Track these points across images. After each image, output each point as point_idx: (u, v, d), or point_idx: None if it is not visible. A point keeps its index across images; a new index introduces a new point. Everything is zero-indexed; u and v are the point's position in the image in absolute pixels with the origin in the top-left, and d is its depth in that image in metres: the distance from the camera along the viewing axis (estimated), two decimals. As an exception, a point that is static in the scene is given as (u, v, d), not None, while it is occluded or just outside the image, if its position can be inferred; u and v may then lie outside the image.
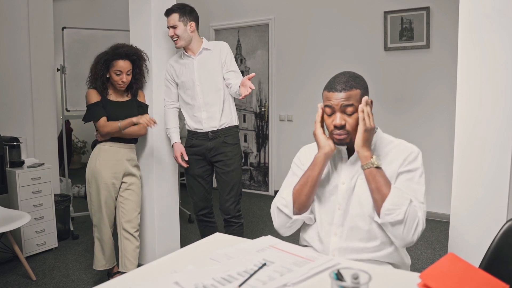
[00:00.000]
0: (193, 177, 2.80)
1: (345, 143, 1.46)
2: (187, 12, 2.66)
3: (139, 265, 2.81)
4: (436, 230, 3.83)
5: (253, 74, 2.49)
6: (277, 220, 1.56)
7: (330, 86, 1.45)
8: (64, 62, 3.86)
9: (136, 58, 2.70)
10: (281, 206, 1.52)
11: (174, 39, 2.67)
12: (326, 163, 1.47)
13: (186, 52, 2.73)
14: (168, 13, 2.67)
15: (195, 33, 2.71)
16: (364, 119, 1.40)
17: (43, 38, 3.99)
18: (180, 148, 2.79)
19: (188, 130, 2.81)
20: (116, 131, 2.61)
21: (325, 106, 1.46)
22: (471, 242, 1.76)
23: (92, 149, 2.78)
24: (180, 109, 2.85)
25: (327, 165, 1.51)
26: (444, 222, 3.96)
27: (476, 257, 1.57)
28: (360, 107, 1.40)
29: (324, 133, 1.49)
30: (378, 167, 1.39)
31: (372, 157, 1.39)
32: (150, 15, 2.87)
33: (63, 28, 3.86)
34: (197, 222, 2.93)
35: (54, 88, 4.13)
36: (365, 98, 1.41)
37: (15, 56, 3.80)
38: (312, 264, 1.19)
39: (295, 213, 1.50)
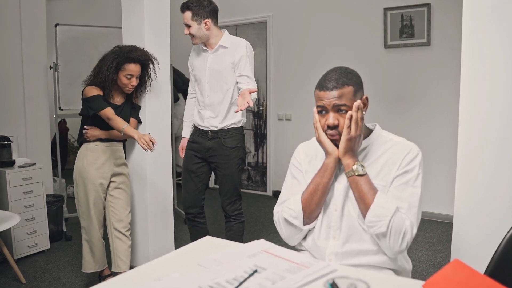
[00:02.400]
0: (187, 171, 2.74)
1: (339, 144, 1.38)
2: (202, 9, 2.52)
3: (131, 266, 2.73)
4: (437, 231, 3.75)
5: (255, 89, 2.36)
6: (285, 232, 1.49)
7: (321, 85, 1.37)
8: (57, 59, 3.78)
9: (147, 64, 2.62)
10: (290, 218, 1.44)
11: (190, 37, 2.59)
12: (335, 168, 1.40)
13: (205, 46, 2.63)
14: (181, 10, 2.57)
15: (212, 29, 2.58)
16: (349, 126, 1.32)
17: (36, 35, 3.91)
18: (183, 143, 2.81)
19: (194, 125, 2.76)
20: (114, 129, 2.51)
21: (318, 106, 1.39)
22: (475, 245, 1.68)
23: (78, 143, 2.70)
24: None
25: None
26: (445, 223, 3.88)
27: (481, 260, 1.50)
28: (349, 113, 1.32)
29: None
30: (361, 175, 1.33)
31: (354, 165, 1.34)
32: (143, 12, 2.79)
33: (56, 25, 3.78)
34: (186, 220, 2.87)
35: (46, 87, 4.05)
36: (356, 104, 1.32)
37: (6, 53, 3.72)
38: (307, 271, 1.11)
39: (306, 223, 1.43)
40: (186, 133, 2.82)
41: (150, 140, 2.32)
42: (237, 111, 2.29)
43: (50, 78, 4.09)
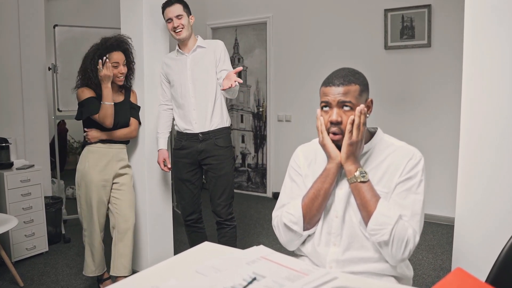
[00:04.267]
0: (181, 181, 2.69)
1: (341, 145, 1.36)
2: (188, 6, 2.63)
3: (133, 271, 2.70)
4: (438, 233, 3.73)
5: (240, 68, 2.41)
6: (284, 237, 1.46)
7: (327, 81, 1.36)
8: (56, 60, 3.76)
9: (127, 47, 2.65)
10: (290, 223, 1.41)
11: (178, 30, 2.55)
12: (337, 174, 1.37)
13: (180, 49, 2.65)
14: (170, 3, 2.56)
15: (192, 28, 2.65)
16: (351, 131, 1.31)
17: (34, 36, 3.89)
18: (164, 155, 2.72)
19: (178, 132, 2.70)
20: (114, 129, 2.56)
21: (322, 102, 1.37)
22: (477, 247, 1.66)
23: (82, 150, 2.67)
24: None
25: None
26: (445, 225, 3.86)
27: (482, 262, 1.49)
28: (351, 118, 1.31)
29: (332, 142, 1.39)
30: (363, 182, 1.31)
31: (356, 171, 1.31)
32: (142, 13, 2.78)
33: (54, 26, 3.76)
34: (184, 227, 2.82)
35: (45, 88, 4.03)
36: (359, 108, 1.30)
37: (5, 54, 3.70)
38: (306, 279, 1.09)
39: (306, 229, 1.41)
40: (163, 144, 2.74)
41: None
42: (223, 89, 2.35)
43: (49, 79, 4.07)
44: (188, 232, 2.80)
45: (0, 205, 3.12)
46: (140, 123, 2.78)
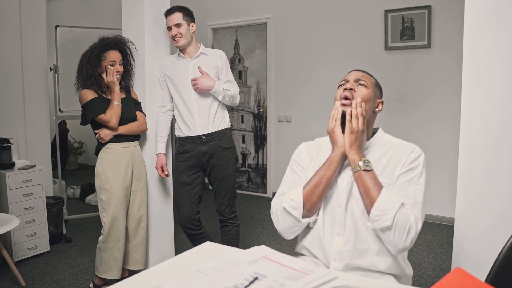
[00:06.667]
0: (181, 185, 2.68)
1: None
2: (190, 13, 2.65)
3: (134, 271, 2.71)
4: (438, 234, 3.74)
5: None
6: (282, 224, 1.47)
7: (348, 72, 1.54)
8: (57, 61, 3.77)
9: (124, 48, 2.66)
10: (290, 208, 1.43)
11: (176, 38, 2.59)
12: (341, 163, 1.42)
13: (182, 54, 2.67)
14: (171, 11, 2.61)
15: (194, 36, 2.67)
16: (350, 120, 1.39)
17: (36, 37, 3.91)
18: (162, 161, 2.73)
19: (180, 137, 2.70)
20: (125, 123, 2.59)
21: (341, 81, 1.51)
22: (477, 246, 1.67)
23: (96, 154, 2.65)
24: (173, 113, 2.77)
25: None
26: (445, 226, 3.87)
27: (482, 262, 1.50)
28: (349, 109, 1.40)
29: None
30: (367, 170, 1.34)
31: (360, 160, 1.36)
32: (143, 14, 2.79)
33: (56, 27, 3.77)
34: (186, 235, 2.78)
35: (46, 88, 4.04)
36: (355, 101, 1.40)
37: (6, 55, 3.71)
38: (307, 278, 1.10)
39: (305, 216, 1.43)
40: (162, 148, 2.74)
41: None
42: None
43: (50, 80, 4.09)
44: (191, 240, 2.75)
45: (1, 205, 3.14)
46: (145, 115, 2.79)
